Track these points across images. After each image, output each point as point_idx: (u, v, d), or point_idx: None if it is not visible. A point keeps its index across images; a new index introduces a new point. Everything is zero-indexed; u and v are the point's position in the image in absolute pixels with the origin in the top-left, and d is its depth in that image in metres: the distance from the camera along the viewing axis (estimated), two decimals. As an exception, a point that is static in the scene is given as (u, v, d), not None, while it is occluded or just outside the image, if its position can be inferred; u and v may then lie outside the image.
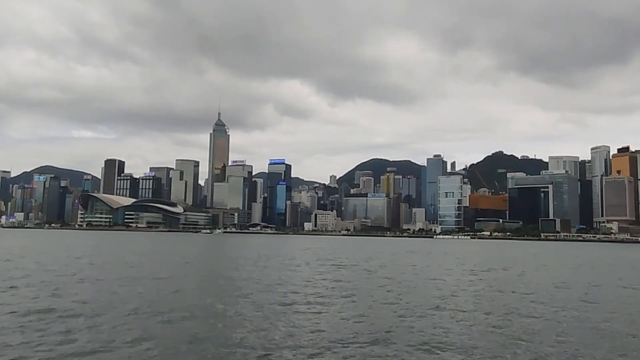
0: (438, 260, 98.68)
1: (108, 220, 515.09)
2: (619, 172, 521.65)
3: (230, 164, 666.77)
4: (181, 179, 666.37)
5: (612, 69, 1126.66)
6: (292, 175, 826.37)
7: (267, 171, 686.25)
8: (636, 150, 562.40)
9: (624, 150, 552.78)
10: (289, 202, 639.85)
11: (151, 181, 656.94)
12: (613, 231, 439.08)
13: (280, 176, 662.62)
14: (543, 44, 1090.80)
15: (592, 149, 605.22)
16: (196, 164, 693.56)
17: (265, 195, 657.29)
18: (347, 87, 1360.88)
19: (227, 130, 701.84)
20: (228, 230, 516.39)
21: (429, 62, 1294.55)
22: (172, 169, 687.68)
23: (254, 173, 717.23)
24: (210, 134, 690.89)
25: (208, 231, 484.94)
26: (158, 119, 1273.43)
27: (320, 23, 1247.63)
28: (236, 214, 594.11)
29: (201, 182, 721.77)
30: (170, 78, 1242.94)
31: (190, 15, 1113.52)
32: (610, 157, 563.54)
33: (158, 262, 75.54)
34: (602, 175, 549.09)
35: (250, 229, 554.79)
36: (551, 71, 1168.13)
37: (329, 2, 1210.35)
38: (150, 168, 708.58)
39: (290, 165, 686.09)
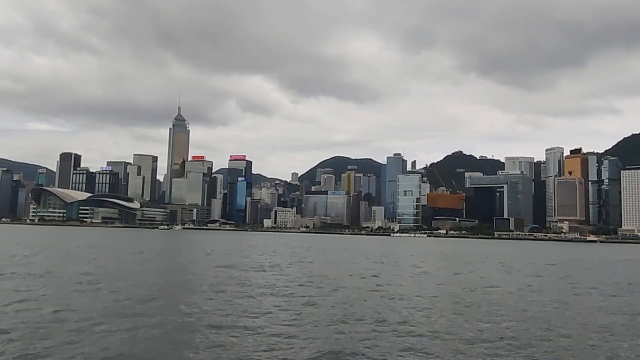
0: (358, 257, 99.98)
1: (62, 215, 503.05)
2: (570, 173, 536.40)
3: (190, 159, 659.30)
4: (139, 174, 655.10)
5: (569, 72, 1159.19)
6: (254, 172, 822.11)
7: (227, 167, 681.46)
8: (588, 152, 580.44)
9: (576, 152, 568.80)
10: (249, 199, 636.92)
11: (108, 176, 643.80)
12: (564, 230, 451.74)
13: (241, 172, 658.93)
14: (503, 47, 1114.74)
15: (546, 150, 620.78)
16: (155, 159, 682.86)
17: (225, 191, 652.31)
18: (310, 84, 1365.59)
19: (187, 125, 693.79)
20: (187, 226, 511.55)
21: (392, 61, 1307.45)
22: (130, 163, 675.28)
23: (215, 169, 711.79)
24: (170, 128, 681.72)
25: (166, 227, 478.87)
26: (117, 112, 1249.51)
27: (284, 19, 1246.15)
28: (195, 210, 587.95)
29: (160, 177, 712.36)
30: (130, 71, 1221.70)
31: (152, 7, 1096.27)
32: (564, 159, 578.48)
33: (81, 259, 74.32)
34: (555, 176, 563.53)
35: (209, 225, 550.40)
36: (510, 73, 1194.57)
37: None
38: (108, 162, 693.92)
39: (251, 162, 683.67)
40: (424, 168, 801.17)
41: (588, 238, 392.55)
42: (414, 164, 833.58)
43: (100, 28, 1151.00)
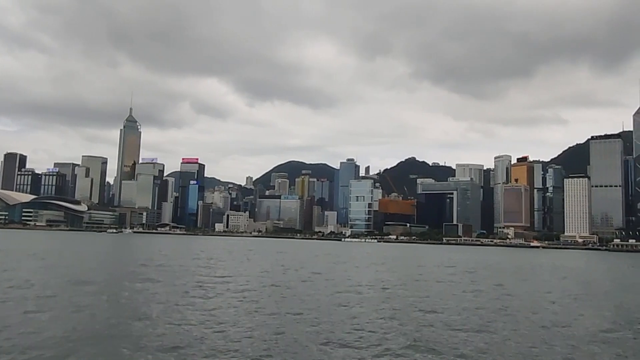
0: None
1: (3, 217, 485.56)
2: (517, 180, 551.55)
3: (140, 161, 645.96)
4: (87, 175, 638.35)
5: (518, 82, 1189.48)
6: (208, 176, 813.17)
7: (179, 170, 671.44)
8: (534, 161, 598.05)
9: (522, 160, 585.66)
10: (201, 203, 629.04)
11: (55, 177, 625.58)
12: (509, 236, 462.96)
13: (193, 176, 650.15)
14: (456, 56, 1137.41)
15: (495, 158, 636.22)
16: (104, 161, 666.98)
17: (177, 194, 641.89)
18: (266, 88, 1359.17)
19: (138, 126, 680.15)
20: (137, 230, 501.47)
21: (348, 67, 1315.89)
22: (78, 165, 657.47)
23: (168, 172, 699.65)
24: (121, 130, 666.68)
25: (115, 231, 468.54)
26: (67, 112, 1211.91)
27: (240, 22, 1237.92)
28: (145, 214, 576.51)
29: (110, 180, 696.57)
30: (81, 70, 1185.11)
31: (104, 5, 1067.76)
32: (511, 166, 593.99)
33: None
34: (503, 183, 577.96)
35: (159, 229, 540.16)
36: (463, 82, 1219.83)
37: (249, 2, 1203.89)
38: (55, 164, 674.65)
39: (203, 165, 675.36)
40: (377, 174, 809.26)
41: (531, 244, 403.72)
42: (367, 169, 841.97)
43: (49, 25, 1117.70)
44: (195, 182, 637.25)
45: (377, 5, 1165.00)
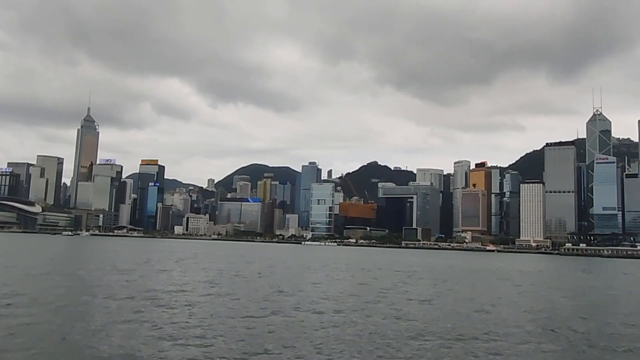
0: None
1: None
2: (474, 185, 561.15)
3: (98, 162, 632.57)
4: (42, 176, 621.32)
5: (478, 89, 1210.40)
6: (170, 177, 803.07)
7: (139, 172, 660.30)
8: (492, 166, 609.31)
9: (481, 165, 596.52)
10: (160, 205, 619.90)
11: (8, 177, 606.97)
12: (466, 240, 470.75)
13: (153, 177, 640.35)
14: (418, 61, 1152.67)
15: (455, 163, 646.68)
16: (60, 161, 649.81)
17: (135, 196, 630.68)
18: (229, 89, 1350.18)
19: (97, 126, 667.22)
20: (93, 232, 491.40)
21: (312, 71, 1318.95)
22: (33, 165, 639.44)
23: (128, 173, 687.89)
24: (78, 129, 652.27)
25: (70, 233, 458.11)
26: (22, 110, 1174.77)
27: (203, 23, 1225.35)
28: (101, 216, 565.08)
29: (66, 180, 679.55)
30: (38, 67, 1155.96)
31: (63, 2, 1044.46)
32: (469, 172, 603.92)
33: None
34: (462, 188, 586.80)
35: (116, 231, 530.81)
36: (425, 87, 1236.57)
37: (212, 3, 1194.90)
38: (9, 163, 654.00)
39: (163, 167, 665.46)
40: (339, 177, 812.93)
41: (487, 248, 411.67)
42: (330, 173, 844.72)
43: (5, 21, 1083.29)
44: (154, 183, 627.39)
45: (341, 9, 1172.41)
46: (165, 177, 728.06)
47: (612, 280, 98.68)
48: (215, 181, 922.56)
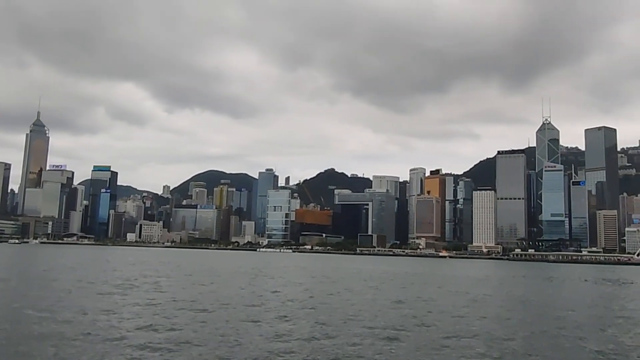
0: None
1: None
2: (429, 192, 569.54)
3: (48, 168, 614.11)
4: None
5: (434, 97, 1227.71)
6: (124, 184, 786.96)
7: (90, 178, 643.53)
8: (446, 173, 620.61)
9: (435, 172, 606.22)
10: (112, 212, 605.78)
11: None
12: (420, 246, 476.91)
13: (105, 184, 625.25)
14: (375, 69, 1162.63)
15: (410, 170, 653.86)
16: (7, 167, 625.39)
17: (87, 203, 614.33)
18: (186, 94, 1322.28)
19: (47, 131, 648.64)
20: (42, 240, 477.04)
21: (269, 77, 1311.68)
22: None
23: (80, 180, 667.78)
24: (27, 134, 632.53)
25: (17, 241, 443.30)
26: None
27: (159, 26, 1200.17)
28: (50, 223, 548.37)
29: (14, 187, 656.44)
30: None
31: (13, 2, 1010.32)
32: (425, 179, 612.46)
33: None
34: (417, 195, 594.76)
35: (65, 239, 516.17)
36: (382, 95, 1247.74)
37: (169, 6, 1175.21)
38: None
39: (116, 173, 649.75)
40: (297, 184, 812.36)
41: (440, 254, 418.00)
42: (287, 179, 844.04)
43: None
44: (106, 190, 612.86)
45: (300, 15, 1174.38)
46: (120, 183, 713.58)
47: (546, 287, 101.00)
48: (171, 188, 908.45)
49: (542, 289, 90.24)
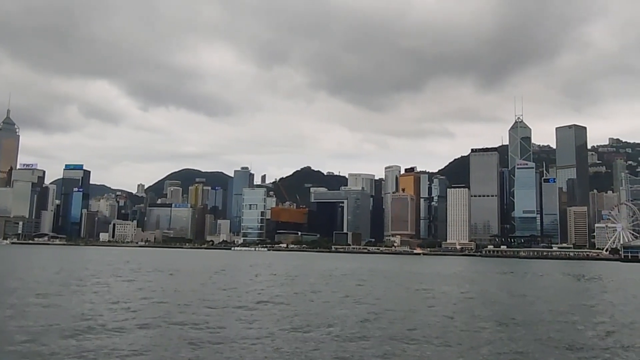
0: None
1: None
2: (404, 190, 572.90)
3: (18, 167, 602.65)
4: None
5: (409, 96, 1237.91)
6: (98, 183, 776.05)
7: (62, 177, 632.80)
8: (421, 171, 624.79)
9: (410, 170, 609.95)
10: (85, 211, 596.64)
11: None
12: (395, 244, 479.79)
13: (78, 183, 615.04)
14: (352, 68, 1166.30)
15: (386, 168, 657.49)
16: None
17: (59, 202, 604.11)
18: (161, 92, 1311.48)
19: (17, 129, 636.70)
20: (14, 241, 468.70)
21: (246, 75, 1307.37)
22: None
23: (52, 179, 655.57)
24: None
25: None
26: None
27: (133, 23, 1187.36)
28: (21, 223, 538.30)
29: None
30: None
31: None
32: (400, 176, 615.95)
33: None
34: (392, 193, 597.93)
35: (37, 239, 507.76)
36: (358, 94, 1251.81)
37: (144, 3, 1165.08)
38: None
39: (89, 172, 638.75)
40: (273, 182, 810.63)
41: (415, 251, 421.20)
42: (263, 178, 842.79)
43: None
44: (79, 189, 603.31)
45: (276, 13, 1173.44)
46: (94, 182, 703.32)
47: (505, 281, 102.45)
48: (146, 187, 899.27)
49: (502, 283, 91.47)
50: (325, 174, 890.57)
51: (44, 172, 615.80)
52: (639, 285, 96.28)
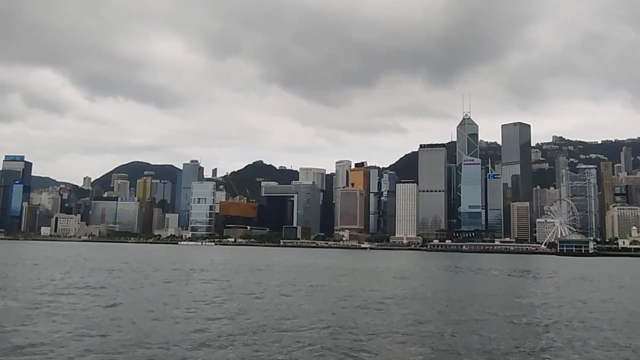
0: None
1: None
2: (353, 184, 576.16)
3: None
4: None
5: (361, 91, 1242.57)
6: (42, 175, 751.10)
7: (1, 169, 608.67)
8: (370, 166, 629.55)
9: (360, 165, 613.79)
10: (25, 204, 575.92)
11: None
12: (344, 238, 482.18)
13: (18, 174, 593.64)
14: (304, 61, 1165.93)
15: (337, 163, 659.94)
16: None
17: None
18: (108, 82, 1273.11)
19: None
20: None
21: (197, 66, 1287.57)
22: None
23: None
24: None
25: None
26: None
27: (79, 10, 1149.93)
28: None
29: None
30: None
31: None
32: (350, 171, 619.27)
33: None
34: (343, 187, 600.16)
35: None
36: (311, 88, 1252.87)
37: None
38: None
39: (30, 163, 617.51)
40: (224, 176, 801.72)
41: (362, 245, 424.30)
42: (214, 171, 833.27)
43: None
44: (19, 181, 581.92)
45: (227, 4, 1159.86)
46: (38, 174, 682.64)
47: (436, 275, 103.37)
48: (92, 179, 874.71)
49: (437, 277, 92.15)
50: (277, 168, 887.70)
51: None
52: (564, 278, 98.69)
